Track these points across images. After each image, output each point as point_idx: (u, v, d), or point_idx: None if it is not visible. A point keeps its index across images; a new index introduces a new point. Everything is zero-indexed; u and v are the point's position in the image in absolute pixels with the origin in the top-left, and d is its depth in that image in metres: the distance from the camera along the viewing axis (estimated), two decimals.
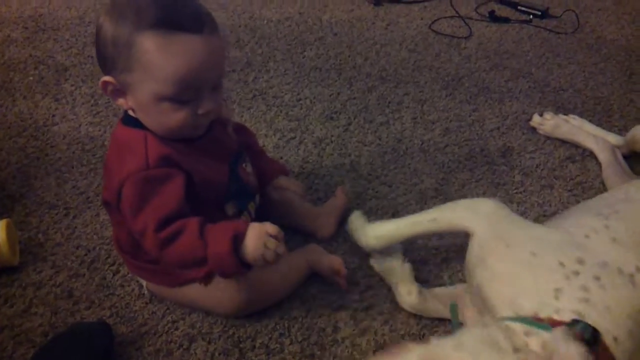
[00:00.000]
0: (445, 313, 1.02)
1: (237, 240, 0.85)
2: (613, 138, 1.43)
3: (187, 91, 0.85)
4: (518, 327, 0.78)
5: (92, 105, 1.56)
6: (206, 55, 0.84)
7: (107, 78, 0.86)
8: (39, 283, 1.08)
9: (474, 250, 0.92)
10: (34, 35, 1.87)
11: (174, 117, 0.87)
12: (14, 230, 1.12)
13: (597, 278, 0.82)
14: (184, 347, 0.98)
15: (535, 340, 0.74)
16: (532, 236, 0.91)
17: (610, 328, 0.78)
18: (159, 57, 0.81)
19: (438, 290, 1.06)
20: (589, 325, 0.76)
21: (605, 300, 0.80)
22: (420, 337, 1.01)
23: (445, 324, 1.03)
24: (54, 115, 1.52)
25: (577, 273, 0.82)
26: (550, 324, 0.77)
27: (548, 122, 1.48)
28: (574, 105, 1.61)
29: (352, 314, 1.04)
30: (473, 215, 0.96)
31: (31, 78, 1.66)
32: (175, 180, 0.88)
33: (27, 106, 1.55)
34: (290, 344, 0.99)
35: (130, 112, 0.90)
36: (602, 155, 1.37)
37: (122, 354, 0.96)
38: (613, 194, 1.07)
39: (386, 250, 1.09)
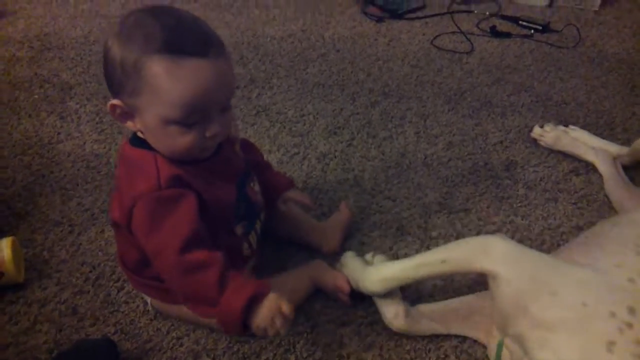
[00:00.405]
0: (441, 330, 1.01)
1: (254, 302, 0.83)
2: (613, 148, 1.43)
3: (194, 115, 0.84)
4: None
5: (97, 123, 1.57)
6: (213, 78, 0.84)
7: (115, 101, 0.86)
8: (43, 300, 1.08)
9: (509, 297, 0.86)
10: (40, 55, 1.89)
11: (181, 140, 0.86)
12: (19, 247, 1.13)
13: None
14: None
15: None
16: (575, 280, 0.85)
17: None
18: (166, 81, 0.81)
19: (433, 306, 1.04)
20: None
21: None
22: (427, 353, 1.00)
23: (450, 339, 1.02)
24: (59, 133, 1.53)
25: (630, 325, 0.78)
26: None
27: (548, 135, 1.48)
28: (577, 119, 1.61)
29: (357, 329, 1.04)
30: (488, 256, 0.89)
31: (36, 96, 1.68)
32: (189, 200, 0.88)
33: (32, 124, 1.56)
34: None
35: (139, 134, 0.90)
36: (603, 168, 1.37)
37: None
38: None
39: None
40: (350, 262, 1.08)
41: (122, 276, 1.11)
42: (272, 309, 0.83)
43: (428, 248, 1.21)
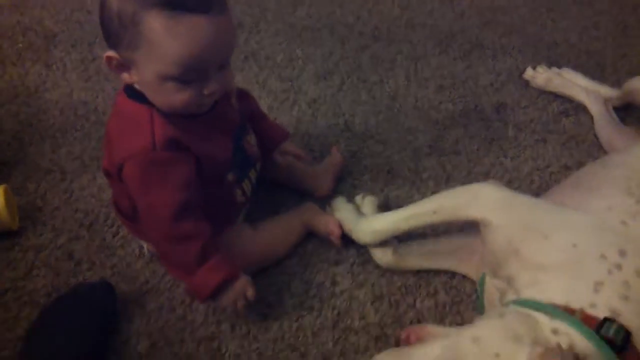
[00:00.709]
0: (425, 266, 1.04)
1: (224, 284, 0.90)
2: (604, 90, 1.44)
3: (192, 72, 0.83)
4: (544, 319, 0.76)
5: (82, 71, 1.54)
6: (212, 36, 0.81)
7: (111, 53, 0.84)
8: (39, 246, 1.09)
9: (500, 242, 0.87)
10: (22, 2, 1.84)
11: (178, 97, 0.85)
12: (11, 195, 1.13)
13: (639, 273, 0.79)
14: (186, 303, 1.00)
15: (563, 340, 0.73)
16: (566, 224, 0.87)
17: None
18: (165, 38, 0.79)
19: (422, 243, 1.06)
20: (622, 328, 0.74)
21: None
22: (417, 289, 1.03)
23: (440, 275, 1.05)
24: (45, 82, 1.50)
25: (619, 266, 0.79)
26: (582, 319, 0.75)
27: (541, 76, 1.48)
28: (567, 60, 1.61)
29: (349, 268, 1.06)
30: (482, 203, 0.91)
31: (20, 45, 1.64)
32: (184, 166, 0.88)
33: (17, 73, 1.53)
34: (290, 298, 1.01)
35: (135, 86, 0.89)
36: (594, 108, 1.38)
37: (125, 312, 0.98)
38: (637, 164, 0.98)
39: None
40: (342, 210, 1.09)
41: (116, 222, 1.12)
42: (237, 294, 0.91)
43: (418, 190, 1.23)
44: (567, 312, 0.76)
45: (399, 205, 1.16)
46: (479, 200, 0.91)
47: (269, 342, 0.96)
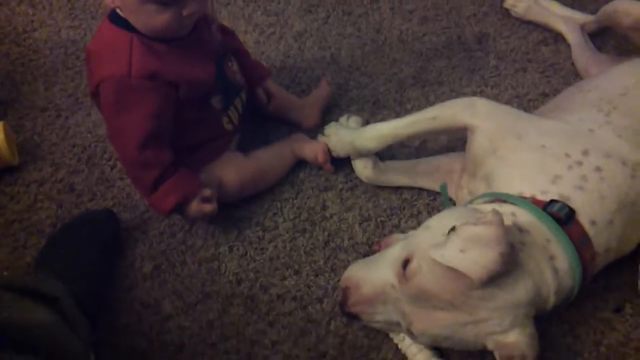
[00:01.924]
0: (404, 182, 1.12)
1: (181, 204, 0.97)
2: (580, 16, 1.47)
3: None
4: (487, 206, 0.87)
5: (69, 10, 1.54)
6: None
7: None
8: (41, 180, 1.14)
9: (483, 143, 0.96)
10: None
11: (158, 19, 0.89)
12: (10, 132, 1.17)
13: (599, 169, 0.89)
14: (186, 229, 1.06)
15: (507, 215, 0.83)
16: (541, 129, 0.96)
17: (591, 212, 0.86)
18: None
19: (402, 162, 1.14)
20: (566, 206, 0.85)
21: (601, 190, 0.87)
22: (401, 210, 1.10)
23: (423, 197, 1.11)
24: (32, 21, 1.51)
25: (580, 163, 0.89)
26: (532, 202, 0.86)
27: (520, 4, 1.51)
28: None
29: (339, 193, 1.13)
30: (475, 111, 0.99)
31: None
32: (156, 96, 0.92)
33: (3, 14, 1.53)
34: (283, 222, 1.08)
35: (118, 11, 0.92)
36: (571, 37, 1.42)
37: (128, 238, 1.05)
38: (609, 86, 1.06)
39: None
40: (338, 130, 1.15)
41: (113, 155, 1.17)
42: (195, 212, 0.98)
43: None
44: (517, 197, 0.87)
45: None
46: (473, 108, 1.00)
47: (265, 261, 1.03)
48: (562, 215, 0.84)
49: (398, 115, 1.29)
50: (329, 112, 1.28)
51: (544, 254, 0.83)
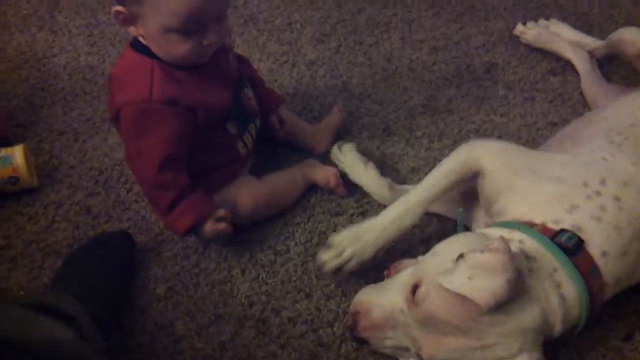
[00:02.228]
0: None
1: (197, 224, 0.99)
2: (590, 40, 1.50)
3: (192, 24, 0.90)
4: (496, 232, 0.89)
5: (88, 36, 1.59)
6: None
7: (118, 8, 0.91)
8: (58, 202, 1.16)
9: (497, 182, 0.96)
10: None
11: (180, 47, 0.93)
12: (29, 154, 1.20)
13: (617, 199, 0.89)
14: (199, 251, 1.08)
15: (514, 244, 0.85)
16: (554, 162, 0.98)
17: (603, 243, 0.87)
18: None
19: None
20: (575, 235, 0.86)
21: (619, 220, 0.88)
22: (411, 236, 1.11)
23: (433, 223, 1.13)
24: (52, 47, 1.55)
25: (598, 193, 0.90)
26: (540, 230, 0.87)
27: (530, 31, 1.54)
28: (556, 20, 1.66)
29: (350, 218, 1.14)
30: (483, 154, 0.99)
31: (25, 12, 1.68)
32: (176, 121, 0.95)
33: (24, 39, 1.58)
34: (295, 246, 1.10)
35: (140, 39, 0.95)
36: (580, 65, 1.45)
37: (142, 260, 1.07)
38: (619, 118, 1.07)
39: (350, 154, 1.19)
40: (350, 157, 1.18)
41: (129, 178, 1.19)
42: (210, 232, 1.00)
43: (413, 147, 1.30)
44: (526, 225, 0.88)
45: (394, 162, 1.26)
46: (481, 151, 1.00)
47: (277, 284, 1.05)
48: (570, 245, 0.85)
49: (408, 142, 1.31)
50: (340, 139, 1.30)
51: (551, 282, 0.84)
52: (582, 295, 0.85)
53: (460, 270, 0.78)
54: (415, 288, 0.83)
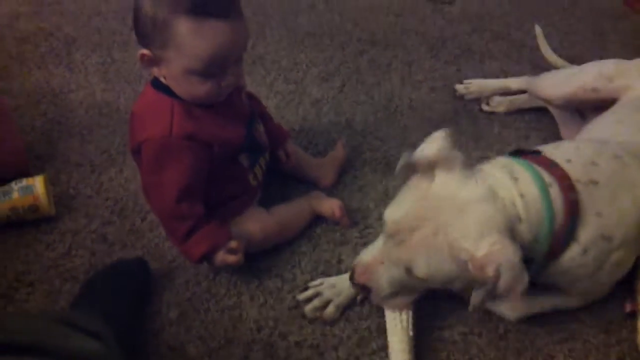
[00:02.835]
0: None
1: (210, 253, 1.05)
2: (515, 82, 1.61)
3: (213, 67, 0.97)
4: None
5: (103, 73, 1.67)
6: (231, 38, 0.96)
7: (144, 51, 0.99)
8: (75, 230, 1.22)
9: None
10: (40, 9, 1.96)
11: (201, 88, 1.00)
12: (49, 184, 1.26)
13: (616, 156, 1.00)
14: (210, 278, 1.13)
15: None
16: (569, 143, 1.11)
17: (564, 155, 0.98)
18: (191, 40, 0.94)
19: None
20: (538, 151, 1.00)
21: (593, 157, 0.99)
22: None
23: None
24: (69, 83, 1.63)
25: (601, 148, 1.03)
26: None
27: (499, 107, 1.58)
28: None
29: (353, 248, 1.20)
30: None
31: (43, 49, 1.76)
32: (193, 154, 1.02)
33: (42, 75, 1.66)
34: (301, 274, 1.15)
35: (162, 79, 1.03)
36: (554, 113, 1.52)
37: (156, 285, 1.12)
38: (604, 127, 1.19)
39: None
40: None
41: (144, 208, 1.25)
42: (220, 262, 1.06)
43: None
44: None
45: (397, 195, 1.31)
46: None
47: (284, 310, 1.09)
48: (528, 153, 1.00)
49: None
50: (345, 172, 1.37)
51: (507, 173, 0.93)
52: (538, 181, 0.92)
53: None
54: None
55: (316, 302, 1.09)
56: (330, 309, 1.08)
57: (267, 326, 1.07)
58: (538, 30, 1.68)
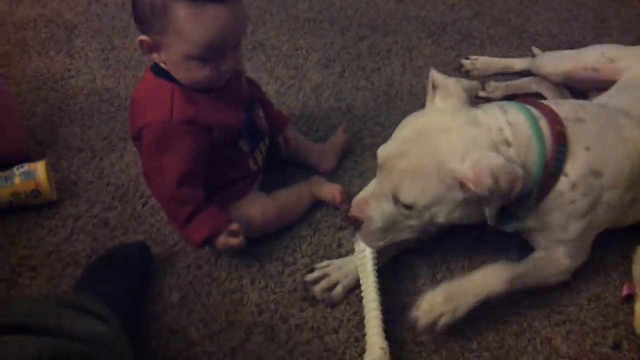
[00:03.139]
0: None
1: (211, 236, 1.06)
2: (518, 62, 1.63)
3: (212, 52, 0.98)
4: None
5: (104, 60, 1.67)
6: (229, 22, 0.96)
7: (143, 37, 0.99)
8: (76, 215, 1.23)
9: None
10: None
11: (200, 73, 1.00)
12: (50, 170, 1.26)
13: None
14: (212, 262, 1.14)
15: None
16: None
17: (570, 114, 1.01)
18: (190, 25, 0.94)
19: None
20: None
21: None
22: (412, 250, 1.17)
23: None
24: (69, 69, 1.63)
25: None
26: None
27: (495, 93, 1.58)
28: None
29: (353, 232, 1.19)
30: None
31: (43, 36, 1.76)
32: (193, 138, 1.02)
33: (43, 62, 1.66)
34: (301, 258, 1.16)
35: (162, 65, 1.03)
36: (547, 94, 1.53)
37: (158, 269, 1.13)
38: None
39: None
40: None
41: (145, 193, 1.26)
42: (223, 245, 1.07)
43: None
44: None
45: None
46: None
47: (285, 293, 1.11)
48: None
49: None
50: (345, 158, 1.38)
51: (499, 109, 0.98)
52: (527, 113, 0.97)
53: None
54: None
55: (324, 283, 1.09)
56: (338, 290, 1.09)
57: (268, 309, 1.08)
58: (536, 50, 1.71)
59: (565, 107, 1.03)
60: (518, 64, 1.64)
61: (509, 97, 1.56)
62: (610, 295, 1.12)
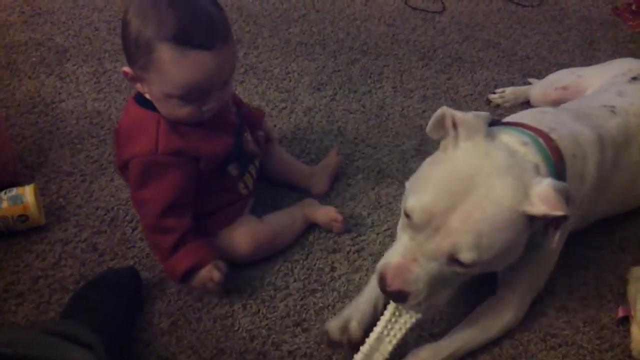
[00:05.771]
0: None
1: (193, 269, 1.03)
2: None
3: (194, 94, 0.97)
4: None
5: (94, 83, 1.66)
6: (214, 67, 0.96)
7: (127, 69, 0.99)
8: (65, 239, 1.21)
9: None
10: (31, 19, 1.96)
11: (180, 111, 1.00)
12: (39, 193, 1.25)
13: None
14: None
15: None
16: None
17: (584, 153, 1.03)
18: (172, 68, 0.93)
19: None
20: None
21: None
22: None
23: None
24: (60, 93, 1.62)
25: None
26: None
27: (506, 103, 1.64)
28: (539, 72, 1.76)
29: (346, 255, 1.19)
30: None
31: (34, 59, 1.76)
32: (179, 170, 1.02)
33: (33, 85, 1.65)
34: (294, 282, 1.14)
35: (146, 95, 1.02)
36: None
37: (148, 295, 1.10)
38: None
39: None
40: None
41: (134, 217, 1.24)
42: (204, 278, 1.03)
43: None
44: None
45: (389, 202, 1.31)
46: None
47: (277, 319, 1.08)
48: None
49: (401, 183, 1.36)
50: (337, 180, 1.37)
51: (516, 137, 0.96)
52: (528, 135, 0.96)
53: None
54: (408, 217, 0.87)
55: (337, 322, 1.02)
56: (353, 325, 1.01)
57: (259, 335, 1.06)
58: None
59: (542, 122, 1.03)
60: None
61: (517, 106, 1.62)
62: (605, 317, 1.11)
